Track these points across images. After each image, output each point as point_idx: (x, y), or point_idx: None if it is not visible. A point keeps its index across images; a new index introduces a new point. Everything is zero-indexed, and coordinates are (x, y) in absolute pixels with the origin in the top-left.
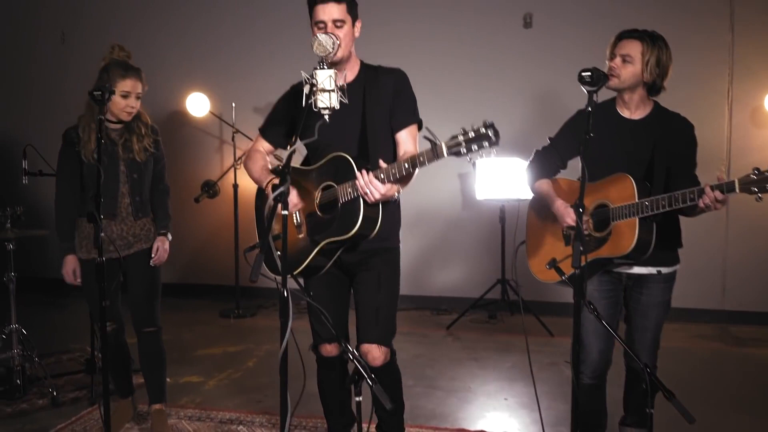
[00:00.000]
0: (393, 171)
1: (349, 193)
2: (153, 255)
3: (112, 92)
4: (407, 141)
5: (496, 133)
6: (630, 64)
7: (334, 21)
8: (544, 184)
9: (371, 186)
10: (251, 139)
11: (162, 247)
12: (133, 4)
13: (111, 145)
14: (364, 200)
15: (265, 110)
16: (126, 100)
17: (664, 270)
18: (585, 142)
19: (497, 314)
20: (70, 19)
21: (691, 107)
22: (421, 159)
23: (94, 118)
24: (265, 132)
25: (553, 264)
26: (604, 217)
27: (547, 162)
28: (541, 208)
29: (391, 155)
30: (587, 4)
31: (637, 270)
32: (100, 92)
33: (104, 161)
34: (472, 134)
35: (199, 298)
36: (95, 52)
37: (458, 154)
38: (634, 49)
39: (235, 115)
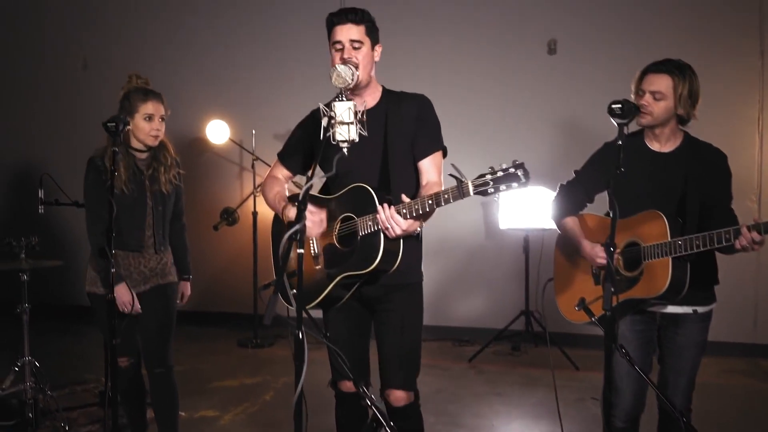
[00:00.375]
0: (416, 207)
1: (369, 226)
2: (180, 302)
3: (127, 123)
4: (430, 170)
5: (526, 174)
6: (662, 101)
7: (352, 42)
8: (570, 222)
9: (392, 221)
10: (271, 167)
11: (187, 292)
12: (154, 31)
13: (138, 174)
14: (385, 234)
15: (285, 137)
16: (150, 123)
17: (701, 309)
18: (615, 178)
19: (521, 346)
20: (92, 45)
21: (720, 135)
22: (446, 196)
23: (121, 147)
24: (283, 158)
25: (583, 305)
26: (635, 256)
27: (572, 197)
28: (567, 245)
29: (414, 185)
30: (612, 30)
31: (671, 309)
32: (114, 123)
33: (132, 190)
34: (500, 173)
35: (216, 326)
36: (117, 79)
37: (484, 193)
38: (664, 84)
39: (254, 142)
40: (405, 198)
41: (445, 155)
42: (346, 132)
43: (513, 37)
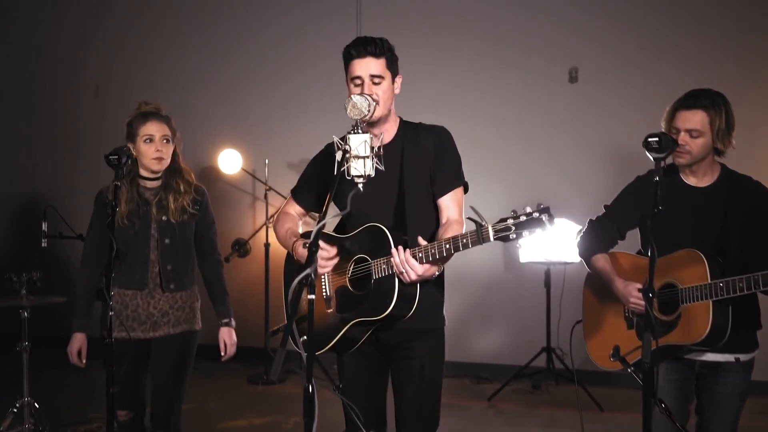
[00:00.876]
0: (432, 251)
1: (384, 269)
2: (222, 353)
3: (130, 155)
4: (451, 207)
5: (551, 219)
6: (699, 138)
7: (372, 77)
8: (602, 260)
9: (407, 266)
10: (284, 197)
11: (230, 340)
12: (166, 60)
13: (143, 206)
14: (400, 279)
15: (299, 167)
16: (151, 144)
17: (743, 357)
18: (653, 216)
19: (541, 384)
20: (104, 73)
21: (756, 166)
22: (464, 241)
23: (126, 178)
24: (296, 194)
25: (618, 355)
26: (672, 299)
27: (603, 233)
28: (598, 285)
29: (433, 224)
30: (634, 58)
31: (711, 357)
32: (116, 156)
33: (135, 222)
34: (523, 218)
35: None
36: (128, 109)
37: (506, 239)
38: (699, 121)
39: (267, 172)
40: (421, 241)
41: (466, 191)
42: (362, 167)
43: (533, 66)
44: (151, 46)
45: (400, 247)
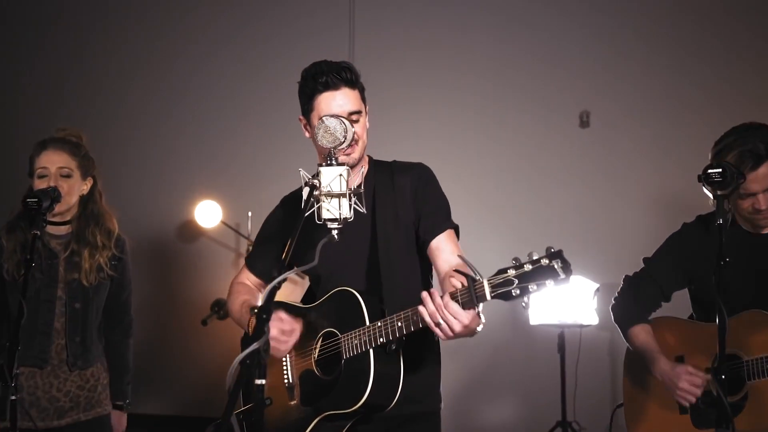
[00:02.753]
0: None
1: (356, 346)
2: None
3: (57, 198)
4: (446, 249)
5: (567, 267)
6: None
7: (350, 114)
8: (642, 334)
9: (447, 313)
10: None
11: (119, 427)
12: (142, 107)
13: (49, 258)
14: (376, 356)
15: None
16: (43, 180)
17: None
18: (718, 268)
19: None
20: (78, 123)
21: None
22: (457, 300)
23: (24, 221)
24: (251, 264)
25: None
26: (735, 374)
27: (643, 294)
28: (640, 362)
29: (418, 279)
30: (647, 101)
31: None
32: (36, 199)
33: (37, 279)
34: (528, 267)
35: None
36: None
37: (507, 297)
38: None
39: (251, 226)
40: (456, 282)
41: (457, 236)
42: (336, 207)
43: (543, 110)
44: (125, 91)
45: (433, 290)
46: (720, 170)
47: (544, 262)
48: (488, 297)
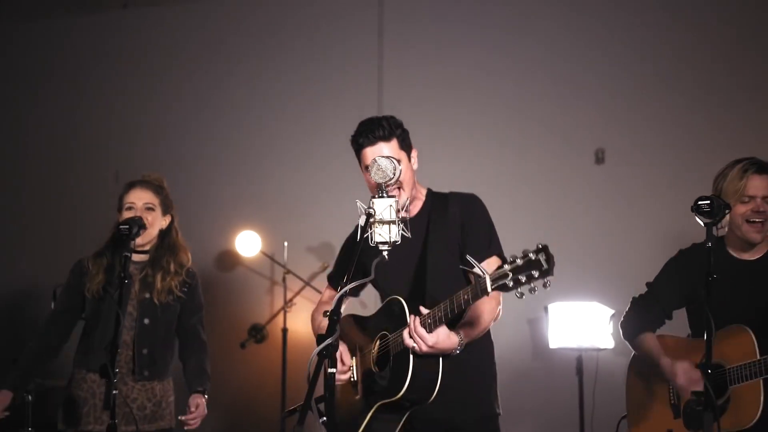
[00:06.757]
0: (438, 314)
1: (400, 343)
2: (188, 412)
3: (143, 226)
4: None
5: (549, 259)
6: None
7: None
8: (649, 339)
9: (415, 334)
10: (303, 281)
11: (201, 405)
12: (183, 141)
13: (126, 278)
14: (414, 353)
15: (320, 250)
16: (130, 212)
17: None
18: (707, 285)
19: None
20: (121, 159)
21: None
22: (465, 297)
23: (110, 250)
24: (332, 279)
25: None
26: (719, 381)
27: (647, 313)
28: (644, 368)
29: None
30: (662, 137)
31: None
32: (127, 226)
33: (110, 294)
34: (519, 262)
35: None
36: None
37: (505, 288)
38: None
39: (287, 255)
40: (423, 309)
41: (504, 262)
42: (387, 232)
43: (558, 147)
44: (164, 128)
45: (413, 316)
46: (708, 201)
47: (532, 255)
48: (489, 289)
